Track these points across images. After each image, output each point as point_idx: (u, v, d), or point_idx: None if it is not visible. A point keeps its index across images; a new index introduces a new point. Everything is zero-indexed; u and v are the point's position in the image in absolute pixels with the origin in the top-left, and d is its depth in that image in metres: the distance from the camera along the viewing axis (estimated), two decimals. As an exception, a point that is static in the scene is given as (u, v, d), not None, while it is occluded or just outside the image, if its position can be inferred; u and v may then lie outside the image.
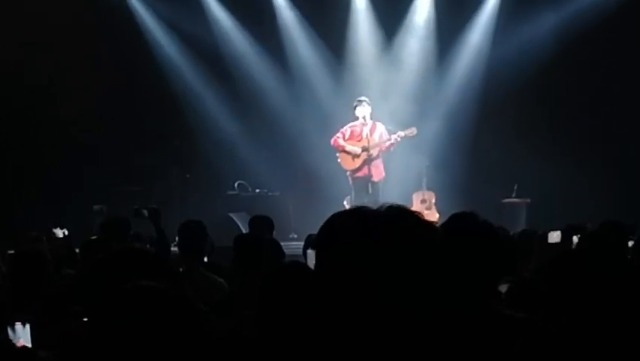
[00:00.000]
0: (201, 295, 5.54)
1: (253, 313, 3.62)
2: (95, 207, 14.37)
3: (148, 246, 7.29)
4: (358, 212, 1.89)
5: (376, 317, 1.77)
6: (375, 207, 1.92)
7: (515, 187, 14.61)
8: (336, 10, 15.61)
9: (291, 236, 13.79)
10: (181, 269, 6.30)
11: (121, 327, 1.98)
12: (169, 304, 2.01)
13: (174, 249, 7.16)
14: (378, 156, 13.38)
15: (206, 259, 7.17)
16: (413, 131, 13.31)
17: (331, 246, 1.84)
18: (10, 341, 3.87)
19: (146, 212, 7.73)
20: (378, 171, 13.40)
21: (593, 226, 7.77)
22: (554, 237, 6.86)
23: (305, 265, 3.70)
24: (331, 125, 14.05)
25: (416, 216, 1.88)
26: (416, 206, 14.37)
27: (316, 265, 1.86)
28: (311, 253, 3.61)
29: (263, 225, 8.39)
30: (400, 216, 1.85)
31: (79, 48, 15.07)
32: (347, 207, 13.34)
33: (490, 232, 3.47)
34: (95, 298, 2.50)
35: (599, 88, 15.04)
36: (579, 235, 6.42)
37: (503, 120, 14.80)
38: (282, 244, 7.07)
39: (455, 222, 3.44)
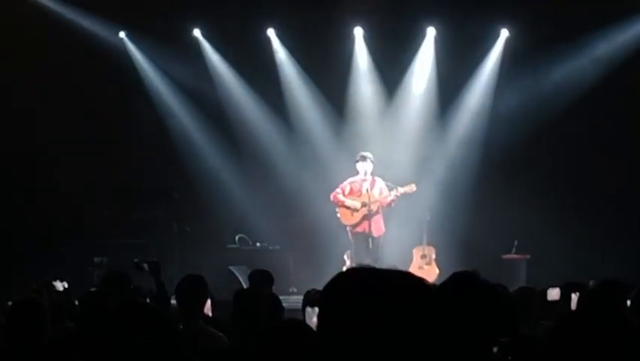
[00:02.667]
0: (200, 349, 5.55)
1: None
2: (96, 259, 14.40)
3: (147, 299, 7.28)
4: (361, 274, 1.90)
5: None
6: (377, 265, 1.94)
7: (515, 243, 14.60)
8: (338, 66, 15.70)
9: (290, 290, 13.78)
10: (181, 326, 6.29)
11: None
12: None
13: (174, 302, 7.14)
14: (377, 212, 13.37)
15: (210, 314, 7.16)
16: (412, 188, 13.30)
17: (335, 308, 1.85)
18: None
19: (146, 266, 7.71)
20: (377, 227, 13.38)
21: (593, 284, 7.76)
22: (553, 294, 6.84)
23: (303, 323, 3.71)
24: (332, 180, 14.08)
25: (418, 280, 1.89)
26: (416, 261, 14.37)
27: (319, 326, 1.87)
28: (310, 310, 3.61)
29: (262, 279, 8.40)
30: (403, 280, 1.86)
31: (81, 101, 15.20)
32: (347, 261, 13.35)
33: (490, 293, 3.47)
34: (98, 352, 2.52)
35: (600, 145, 15.08)
36: (578, 293, 6.40)
37: (504, 176, 14.83)
38: (281, 298, 7.06)
39: (456, 282, 3.45)
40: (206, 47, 16.04)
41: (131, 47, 16.04)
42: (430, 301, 1.85)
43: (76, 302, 7.34)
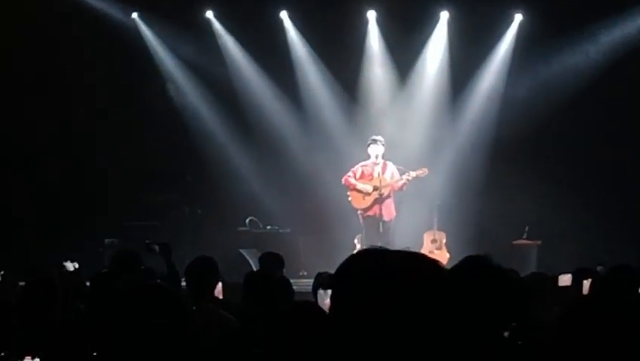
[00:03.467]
0: (210, 332, 5.55)
1: (262, 351, 3.61)
2: (107, 240, 14.41)
3: (158, 281, 7.28)
4: (375, 255, 1.89)
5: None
6: (390, 248, 1.93)
7: (526, 229, 14.57)
8: (350, 49, 15.66)
9: (300, 273, 13.77)
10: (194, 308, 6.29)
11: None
12: (174, 343, 2.02)
13: (184, 284, 7.16)
14: (389, 196, 13.35)
15: (221, 296, 7.16)
16: (425, 171, 13.28)
17: (348, 289, 1.84)
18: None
19: (157, 247, 7.73)
20: (388, 211, 13.36)
21: (604, 269, 7.75)
22: (565, 280, 6.83)
23: (315, 305, 3.71)
24: (343, 164, 14.06)
25: (432, 261, 1.88)
26: (427, 245, 14.36)
27: (331, 307, 1.86)
28: (322, 293, 3.61)
29: (273, 262, 8.39)
30: (417, 262, 1.85)
31: (92, 83, 15.19)
32: (357, 245, 13.34)
33: (502, 278, 3.46)
34: (108, 333, 2.52)
35: (613, 130, 15.04)
36: (590, 279, 6.37)
37: (515, 161, 14.80)
38: (291, 281, 7.06)
39: (469, 265, 3.44)
40: (219, 28, 16.01)
41: (144, 27, 16.01)
42: (443, 284, 1.84)
43: (88, 283, 7.35)
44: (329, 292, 3.90)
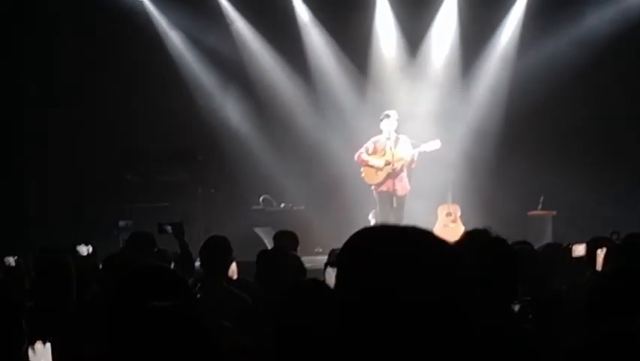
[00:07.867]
0: (224, 311, 5.54)
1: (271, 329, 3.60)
2: (121, 222, 14.44)
3: (172, 262, 7.29)
4: (379, 231, 1.87)
5: (399, 342, 1.75)
6: (398, 223, 1.91)
7: (541, 199, 14.52)
8: (360, 24, 15.61)
9: (316, 250, 13.74)
10: (199, 284, 6.28)
11: (136, 349, 1.98)
12: (181, 325, 2.01)
13: (199, 264, 7.16)
14: (402, 170, 13.26)
15: (235, 276, 7.16)
16: (437, 143, 13.20)
17: (352, 266, 1.82)
18: None
19: (169, 228, 7.72)
20: (402, 185, 13.28)
21: (619, 238, 7.70)
22: (579, 250, 6.79)
23: (322, 283, 3.69)
24: (356, 140, 14.01)
25: (440, 239, 1.86)
26: (441, 219, 14.33)
27: (336, 284, 1.84)
28: (331, 270, 3.59)
29: (287, 240, 8.39)
30: (424, 238, 1.83)
31: (103, 64, 15.18)
32: (372, 221, 13.31)
33: (502, 249, 3.43)
34: (117, 317, 2.51)
35: (628, 100, 14.96)
36: (605, 248, 6.33)
37: (529, 132, 14.74)
38: (307, 258, 7.07)
39: (468, 240, 3.41)
40: (228, 8, 15.95)
41: (152, 9, 15.96)
42: (448, 260, 1.82)
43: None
44: (337, 269, 3.88)
